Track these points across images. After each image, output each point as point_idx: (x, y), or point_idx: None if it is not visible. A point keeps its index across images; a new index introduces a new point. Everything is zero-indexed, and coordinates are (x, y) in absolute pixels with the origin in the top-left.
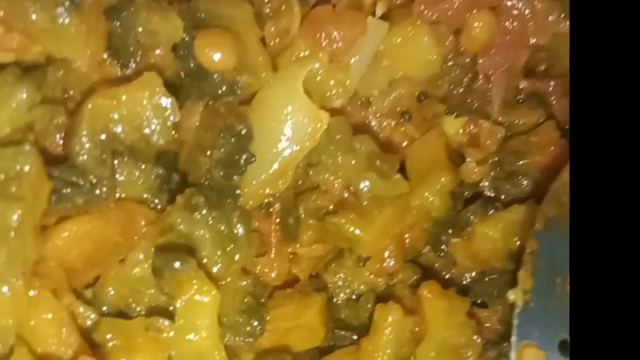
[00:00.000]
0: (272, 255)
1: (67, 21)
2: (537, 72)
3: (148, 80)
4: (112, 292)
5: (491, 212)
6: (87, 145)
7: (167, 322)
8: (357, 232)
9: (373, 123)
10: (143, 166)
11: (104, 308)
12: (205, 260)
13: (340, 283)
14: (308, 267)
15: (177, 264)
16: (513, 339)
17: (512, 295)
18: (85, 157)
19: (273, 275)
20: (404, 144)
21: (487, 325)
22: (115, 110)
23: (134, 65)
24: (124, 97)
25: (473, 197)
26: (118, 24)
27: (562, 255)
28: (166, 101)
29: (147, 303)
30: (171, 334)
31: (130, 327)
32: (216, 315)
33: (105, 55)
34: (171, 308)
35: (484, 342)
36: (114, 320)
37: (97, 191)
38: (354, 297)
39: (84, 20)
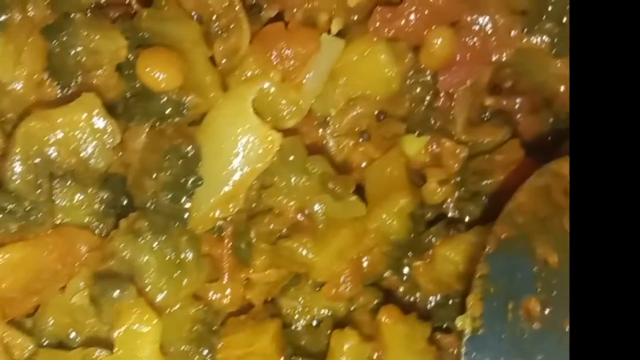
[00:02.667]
0: (225, 281)
1: None
2: (503, 88)
3: (86, 102)
4: (52, 322)
5: (453, 234)
6: (19, 170)
7: (104, 353)
8: (311, 256)
9: (331, 143)
10: (89, 190)
11: (43, 339)
12: (149, 288)
13: (299, 308)
14: (262, 292)
15: (115, 292)
16: None
17: (459, 322)
18: (18, 182)
19: (226, 301)
20: (363, 164)
21: (451, 350)
22: (51, 133)
23: (75, 86)
24: (59, 120)
25: (437, 218)
26: (56, 43)
27: (516, 278)
28: (104, 123)
29: (87, 333)
30: None
31: (67, 359)
32: (157, 345)
33: (45, 76)
34: (112, 339)
35: None
36: (51, 351)
37: (33, 217)
38: (314, 322)
39: (11, 41)
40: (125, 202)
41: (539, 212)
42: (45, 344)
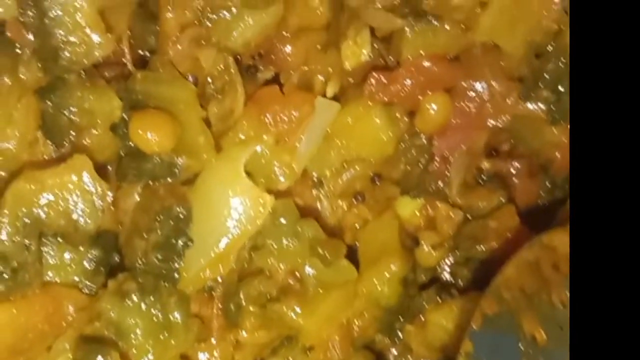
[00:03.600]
0: (214, 342)
1: None
2: (500, 151)
3: (77, 163)
4: None
5: (445, 299)
6: (8, 231)
7: None
8: (300, 320)
9: (325, 204)
10: (80, 248)
11: None
12: (134, 350)
13: None
14: (252, 354)
15: (98, 358)
16: None
17: None
18: (6, 243)
19: None
20: (357, 226)
21: None
22: (40, 194)
23: (68, 146)
24: (49, 181)
25: (430, 281)
26: (50, 103)
27: (501, 355)
28: (94, 185)
29: None
30: None
31: None
32: None
33: (38, 135)
34: None
35: None
36: None
37: (20, 278)
38: None
39: (3, 103)
40: (117, 260)
41: (527, 288)
42: None
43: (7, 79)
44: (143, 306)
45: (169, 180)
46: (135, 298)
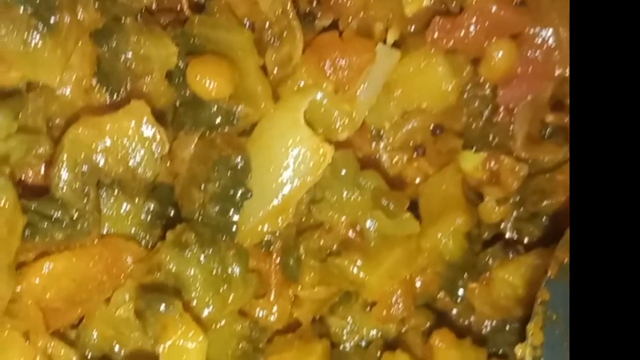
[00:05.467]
0: (272, 298)
1: (39, 44)
2: (565, 105)
3: (135, 109)
4: (96, 334)
5: (512, 256)
6: (67, 178)
7: None
8: (362, 275)
9: (384, 157)
10: (135, 200)
11: (87, 351)
12: (195, 302)
13: (348, 328)
14: (311, 310)
15: (161, 306)
16: None
17: (519, 351)
18: (65, 189)
19: (272, 318)
20: (417, 180)
21: None
22: (98, 140)
23: (124, 93)
24: (108, 127)
25: (493, 238)
26: (106, 48)
27: None
28: (153, 131)
29: (132, 347)
30: None
31: None
32: None
33: (94, 82)
34: (157, 353)
35: None
36: None
37: (79, 226)
38: (363, 343)
39: (59, 44)
40: (172, 213)
41: None
42: (89, 356)
43: (66, 16)
44: (202, 258)
45: (227, 129)
46: (194, 249)
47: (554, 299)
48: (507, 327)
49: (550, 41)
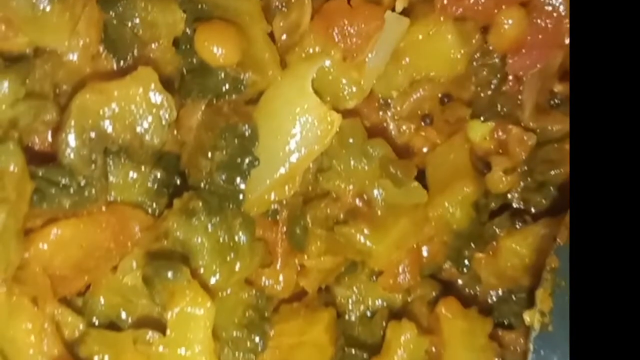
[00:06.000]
0: (278, 267)
1: (47, 9)
2: None
3: (143, 76)
4: (103, 302)
5: (519, 225)
6: (74, 144)
7: (157, 335)
8: (369, 244)
9: (391, 126)
10: (142, 168)
11: (94, 318)
12: (202, 270)
13: (354, 298)
14: (317, 279)
15: (169, 273)
16: None
17: (528, 317)
18: (72, 156)
19: (279, 287)
20: (425, 149)
21: (514, 348)
22: (106, 106)
23: (131, 60)
24: (115, 93)
25: (500, 208)
26: (113, 14)
27: None
28: (160, 98)
29: (139, 314)
30: (161, 348)
31: (118, 340)
32: (210, 329)
33: (101, 48)
34: (164, 320)
35: None
36: (102, 332)
37: (86, 193)
38: (369, 313)
39: (67, 9)
40: (179, 182)
41: None
42: (96, 323)
43: None
44: (209, 226)
45: (234, 97)
46: (201, 217)
47: (563, 265)
48: (514, 298)
49: (561, 9)
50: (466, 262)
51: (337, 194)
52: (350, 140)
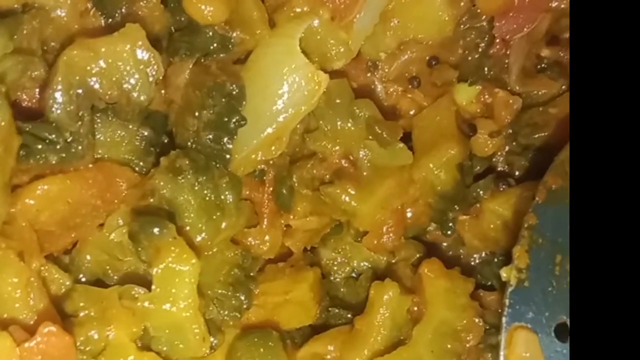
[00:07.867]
0: (264, 227)
1: None
2: (560, 39)
3: (130, 33)
4: (89, 259)
5: (502, 188)
6: (61, 100)
7: (142, 291)
8: (354, 203)
9: (379, 88)
10: (130, 126)
11: (80, 275)
12: (188, 228)
13: (339, 259)
14: (302, 240)
15: (155, 229)
16: (504, 320)
17: (504, 273)
18: (59, 112)
19: (264, 247)
20: (412, 112)
21: (494, 309)
22: (93, 63)
23: (119, 17)
24: (103, 49)
25: (485, 172)
26: None
27: (565, 231)
28: (148, 55)
29: (125, 271)
30: (146, 303)
31: (104, 296)
32: (195, 285)
33: (89, 5)
34: (149, 277)
35: (487, 326)
36: (88, 288)
37: (73, 149)
38: (354, 274)
39: None
40: (166, 141)
41: None
42: (82, 280)
43: None
44: (196, 185)
45: (222, 55)
46: (188, 176)
47: (541, 223)
48: (496, 260)
49: None
50: (450, 224)
51: (323, 155)
52: (337, 101)
